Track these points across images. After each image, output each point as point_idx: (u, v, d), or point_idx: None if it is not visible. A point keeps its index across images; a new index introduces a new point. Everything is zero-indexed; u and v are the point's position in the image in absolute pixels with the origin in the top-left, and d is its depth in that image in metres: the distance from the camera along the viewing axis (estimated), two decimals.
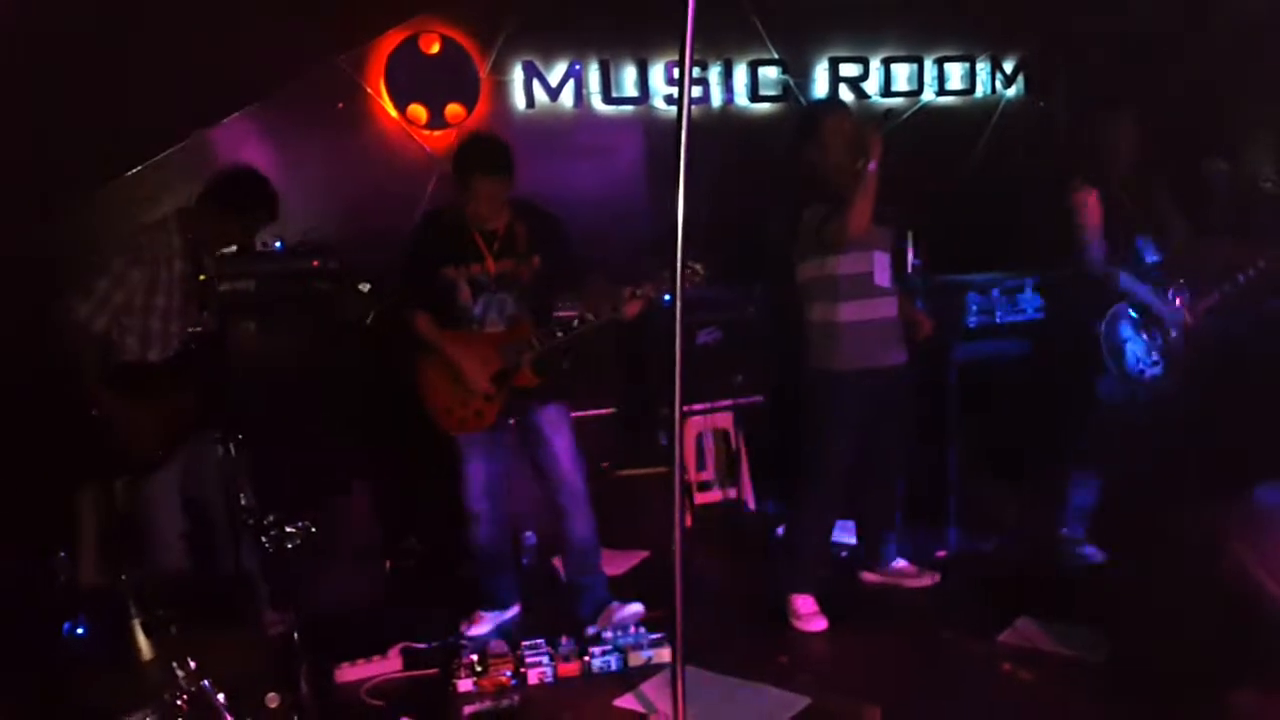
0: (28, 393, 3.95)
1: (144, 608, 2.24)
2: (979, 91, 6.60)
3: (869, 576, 4.16)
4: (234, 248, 4.83)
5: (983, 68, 6.58)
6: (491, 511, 3.89)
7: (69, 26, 4.17)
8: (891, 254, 3.92)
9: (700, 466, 5.13)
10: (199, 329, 3.77)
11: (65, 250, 4.47)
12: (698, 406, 4.99)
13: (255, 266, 4.84)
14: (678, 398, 2.74)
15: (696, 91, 5.84)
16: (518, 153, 3.77)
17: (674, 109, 5.75)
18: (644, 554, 4.50)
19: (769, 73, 6.05)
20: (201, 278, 3.77)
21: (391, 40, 5.47)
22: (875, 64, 6.27)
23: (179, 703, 2.15)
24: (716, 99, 5.95)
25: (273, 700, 2.28)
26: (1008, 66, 6.64)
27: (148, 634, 2.22)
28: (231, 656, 2.42)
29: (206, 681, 2.20)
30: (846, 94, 6.17)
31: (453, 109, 5.54)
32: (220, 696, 2.22)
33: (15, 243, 4.63)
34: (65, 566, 4.01)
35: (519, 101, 5.66)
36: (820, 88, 6.16)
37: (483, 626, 3.93)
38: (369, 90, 5.47)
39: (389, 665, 3.59)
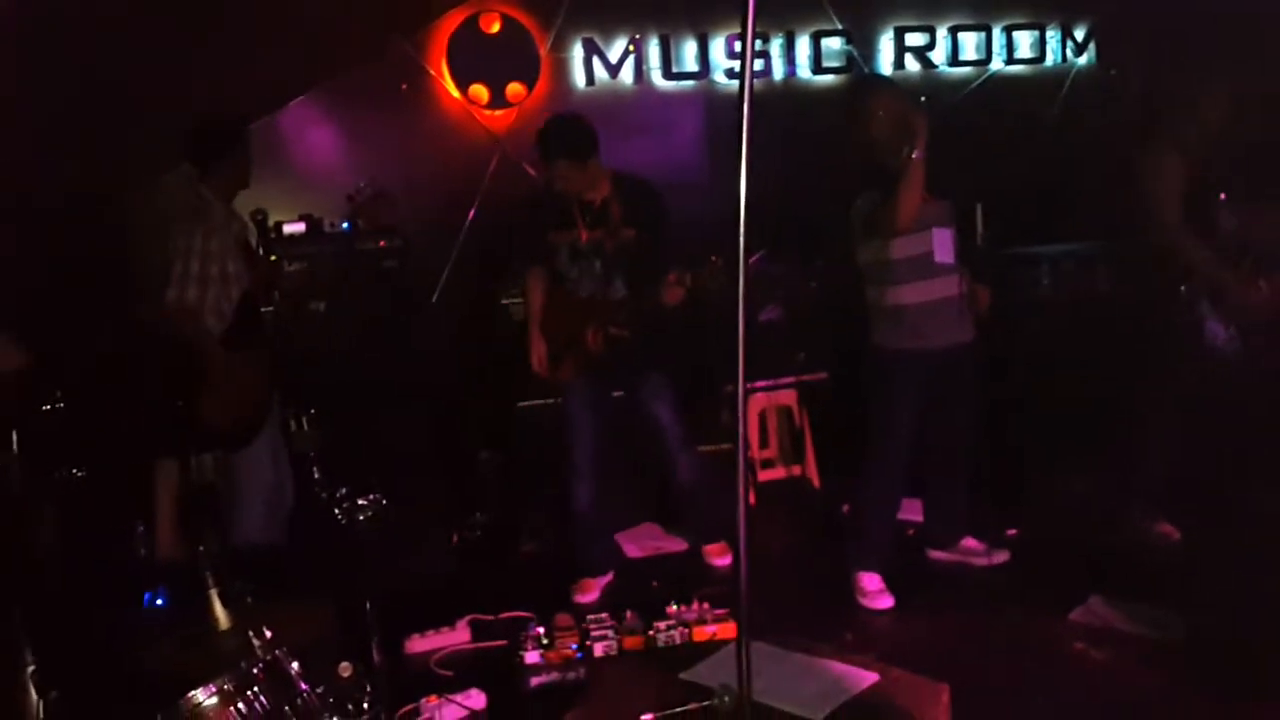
0: (109, 373, 4.09)
1: (221, 578, 2.29)
2: (1049, 60, 6.43)
3: (937, 555, 4.10)
4: (301, 227, 4.95)
5: (1053, 35, 6.41)
6: (596, 477, 4.02)
7: (140, 12, 4.29)
8: (955, 228, 3.81)
9: (763, 444, 5.11)
10: (269, 308, 3.84)
11: (135, 234, 4.61)
12: (760, 384, 4.97)
13: (322, 247, 4.97)
14: (741, 376, 2.72)
15: (758, 64, 5.78)
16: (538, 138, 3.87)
17: (735, 83, 5.73)
18: (682, 546, 4.49)
19: (832, 43, 5.96)
20: (272, 258, 3.84)
21: (453, 21, 5.51)
22: (942, 33, 6.16)
23: (255, 671, 2.20)
24: (778, 72, 5.88)
25: (345, 670, 2.32)
26: (1079, 34, 6.46)
27: (225, 604, 2.28)
28: (305, 627, 2.48)
29: (281, 650, 2.25)
30: (913, 64, 6.06)
31: (513, 88, 5.57)
32: (294, 665, 2.27)
33: (91, 226, 4.79)
34: (143, 540, 4.16)
35: (579, 79, 5.66)
36: (885, 58, 6.06)
37: (592, 593, 4.01)
38: (431, 71, 5.51)
39: (457, 637, 3.65)
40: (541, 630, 3.45)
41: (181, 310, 3.71)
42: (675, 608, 3.54)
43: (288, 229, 4.91)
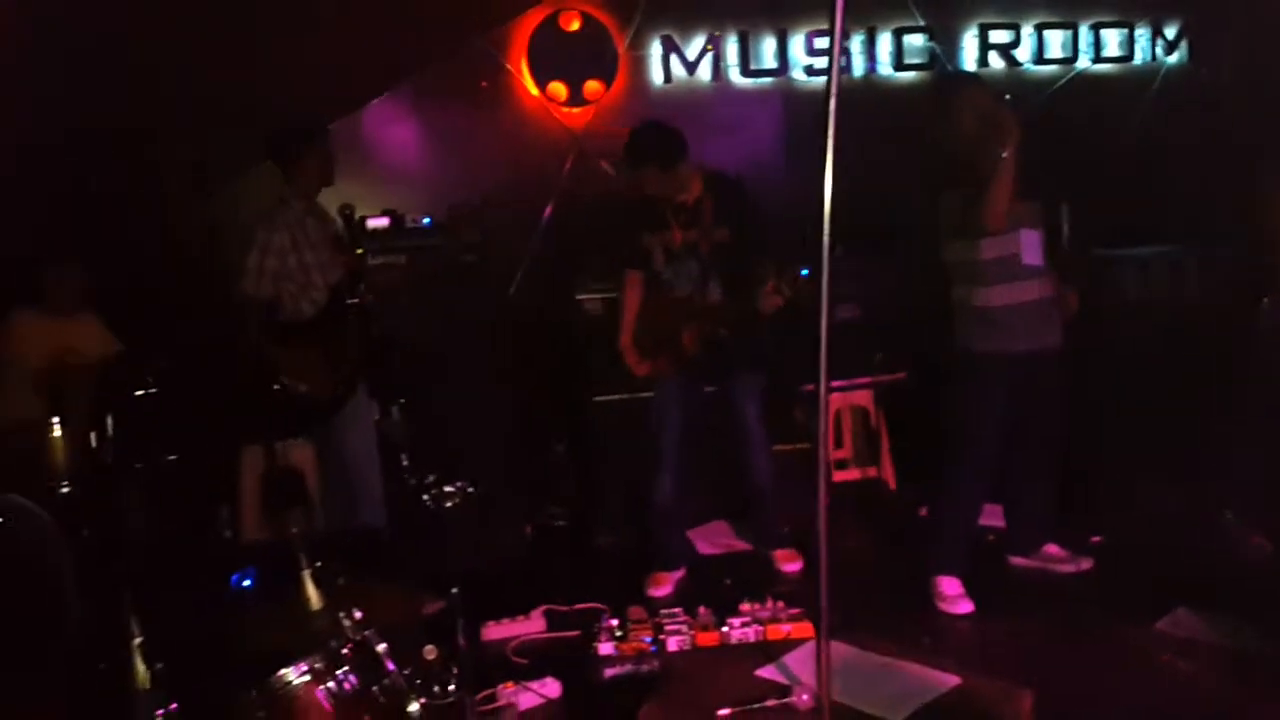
0: (199, 360, 4.21)
1: (313, 559, 2.35)
2: (1138, 58, 6.27)
3: (1018, 561, 4.02)
4: (385, 222, 5.05)
5: (1142, 33, 6.24)
6: (679, 469, 4.04)
7: (224, 15, 4.43)
8: (1043, 230, 3.73)
9: (838, 445, 5.06)
10: (355, 300, 3.92)
11: (222, 227, 4.75)
12: (835, 383, 4.91)
13: (404, 242, 5.06)
14: (823, 376, 2.70)
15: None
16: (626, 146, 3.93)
17: (814, 80, 5.70)
18: (745, 547, 4.47)
19: (915, 40, 5.88)
20: (358, 252, 3.93)
21: (533, 19, 5.56)
22: (1027, 30, 6.04)
23: (344, 651, 2.25)
24: (859, 68, 5.82)
25: (430, 652, 2.37)
26: (1169, 32, 6.28)
27: (317, 585, 2.33)
28: (392, 609, 2.52)
29: (370, 631, 2.29)
30: (997, 61, 5.95)
31: (591, 86, 5.60)
32: (382, 646, 2.31)
33: (181, 221, 4.95)
34: (228, 522, 4.28)
35: (656, 76, 5.67)
36: (969, 56, 5.96)
37: (665, 588, 4.02)
38: (510, 69, 5.57)
39: (532, 626, 3.69)
40: (616, 622, 3.47)
41: (252, 302, 3.86)
42: (749, 605, 3.54)
43: (371, 224, 5.01)
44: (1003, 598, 3.72)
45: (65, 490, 3.92)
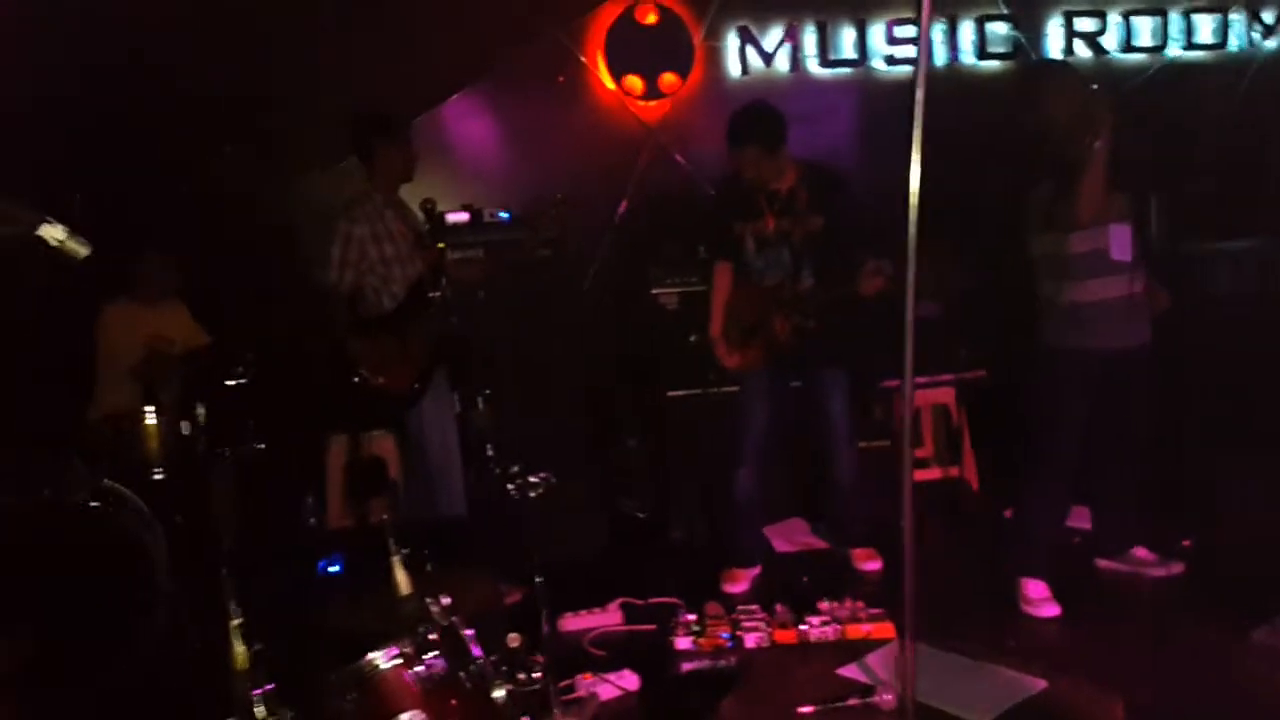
0: (287, 350, 4.32)
1: (401, 546, 2.38)
2: (1232, 45, 6.03)
3: (1106, 564, 3.91)
4: (464, 216, 5.11)
5: (1237, 19, 6.01)
6: (759, 465, 4.02)
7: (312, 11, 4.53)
8: (1133, 224, 3.62)
9: (918, 443, 4.98)
10: (436, 293, 3.97)
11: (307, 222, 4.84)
12: (917, 380, 4.83)
13: (483, 236, 5.11)
14: (908, 372, 2.67)
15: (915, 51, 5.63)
16: (727, 120, 3.89)
17: (894, 70, 5.61)
18: (822, 545, 4.42)
19: (997, 28, 5.75)
20: (440, 246, 3.98)
21: (610, 13, 5.56)
22: (1114, 17, 5.86)
23: (431, 636, 2.27)
24: (940, 57, 5.71)
25: (514, 640, 2.39)
26: (1268, 17, 6.03)
27: (406, 571, 2.37)
28: (476, 597, 2.56)
29: (456, 618, 2.32)
30: (1083, 50, 5.79)
31: (667, 78, 5.58)
32: (468, 633, 2.33)
33: (268, 216, 5.07)
34: (314, 510, 4.37)
35: (733, 68, 5.64)
36: (1053, 44, 5.81)
37: (742, 584, 4.01)
38: (586, 62, 5.58)
39: (609, 618, 3.72)
40: (693, 617, 3.47)
41: (334, 293, 3.95)
42: (828, 604, 3.51)
43: (451, 218, 5.05)
44: (1090, 602, 3.63)
45: (158, 477, 4.05)
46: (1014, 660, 3.13)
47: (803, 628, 3.41)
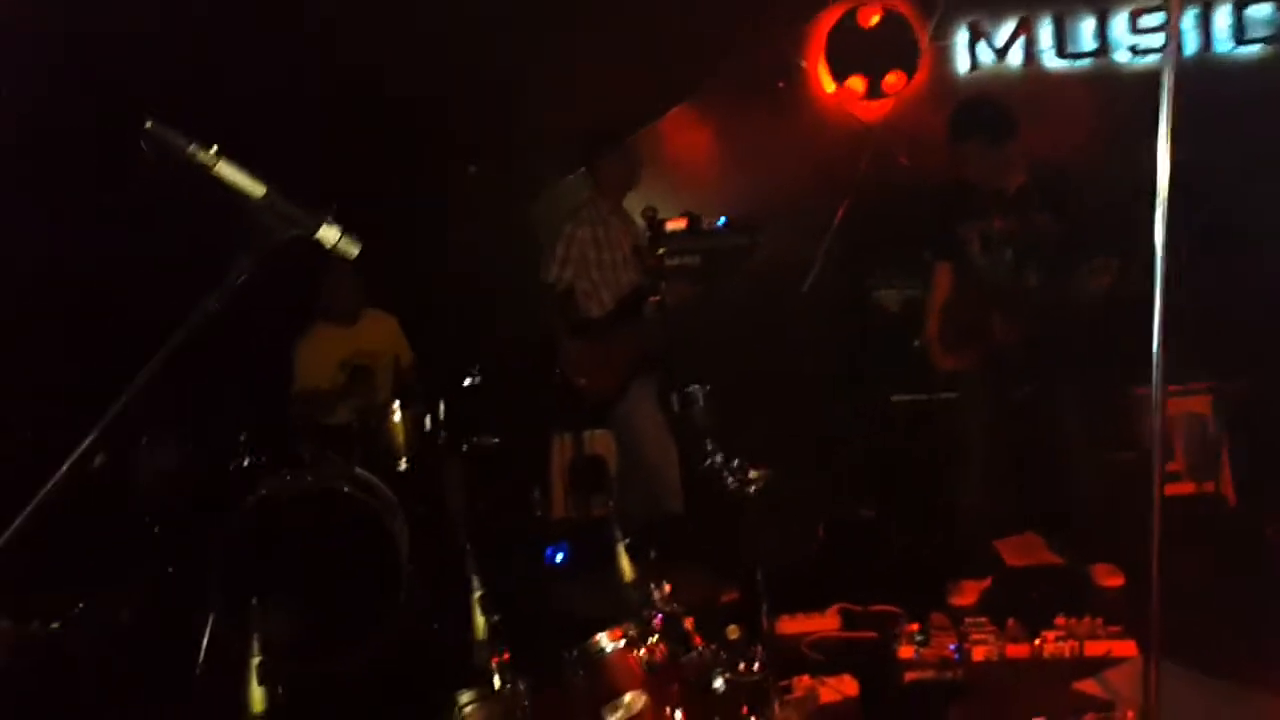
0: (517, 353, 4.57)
1: (626, 534, 2.47)
2: None
3: None
4: (683, 223, 5.22)
5: None
6: (987, 474, 3.89)
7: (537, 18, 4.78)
8: None
9: (1169, 455, 4.61)
10: (655, 298, 4.08)
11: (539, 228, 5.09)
12: (1169, 388, 4.48)
13: (700, 242, 5.20)
14: (1158, 379, 2.50)
15: (1162, 39, 5.24)
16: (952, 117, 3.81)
17: (1139, 61, 5.25)
18: (1057, 561, 4.16)
19: (1259, 10, 5.27)
20: (660, 252, 4.09)
21: (831, 16, 5.52)
22: None
23: (654, 622, 2.34)
24: (1191, 46, 5.30)
25: (733, 632, 2.42)
26: None
27: (630, 557, 2.44)
28: (694, 590, 2.60)
29: (678, 606, 2.37)
30: None
31: (891, 78, 5.47)
32: (688, 621, 2.38)
33: (504, 223, 5.37)
34: (540, 502, 4.58)
35: (961, 64, 5.46)
36: None
37: (969, 596, 3.87)
38: (805, 67, 5.56)
39: (827, 623, 3.67)
40: (916, 626, 3.37)
41: (552, 290, 4.18)
42: (1065, 620, 3.33)
43: (670, 226, 5.17)
44: None
45: (402, 468, 4.36)
46: (1272, 690, 2.84)
47: (1037, 642, 3.24)
